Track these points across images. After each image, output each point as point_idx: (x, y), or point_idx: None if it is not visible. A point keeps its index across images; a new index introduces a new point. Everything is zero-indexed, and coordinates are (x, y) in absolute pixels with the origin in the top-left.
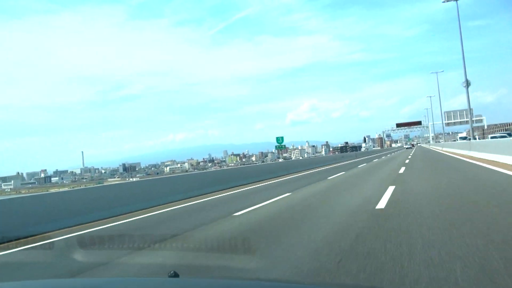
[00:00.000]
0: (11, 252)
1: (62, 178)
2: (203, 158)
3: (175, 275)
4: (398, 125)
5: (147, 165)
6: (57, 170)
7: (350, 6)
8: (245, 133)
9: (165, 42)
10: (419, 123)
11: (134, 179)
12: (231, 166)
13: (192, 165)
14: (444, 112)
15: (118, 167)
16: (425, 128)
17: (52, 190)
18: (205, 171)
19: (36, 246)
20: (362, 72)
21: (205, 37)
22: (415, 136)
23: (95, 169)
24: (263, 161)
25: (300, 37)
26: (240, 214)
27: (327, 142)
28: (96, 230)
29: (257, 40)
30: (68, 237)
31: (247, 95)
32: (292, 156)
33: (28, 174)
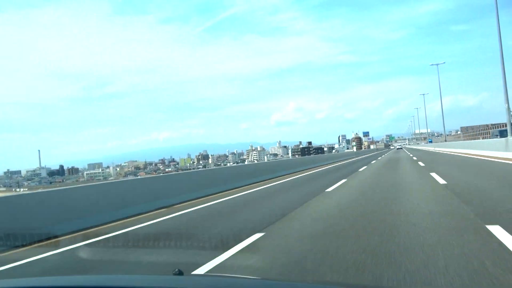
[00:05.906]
0: None
1: None
2: (159, 160)
3: (180, 273)
4: None
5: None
6: (8, 170)
7: (337, 8)
8: (231, 133)
9: (150, 39)
10: None
11: (22, 191)
12: (167, 171)
13: (128, 169)
14: None
15: (40, 171)
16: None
17: None
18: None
19: None
20: (348, 73)
21: (192, 35)
22: (399, 136)
23: (47, 169)
24: (204, 166)
25: (288, 37)
26: None
27: (300, 142)
28: None
29: (244, 39)
30: None
31: (233, 95)
32: (248, 159)
33: None
